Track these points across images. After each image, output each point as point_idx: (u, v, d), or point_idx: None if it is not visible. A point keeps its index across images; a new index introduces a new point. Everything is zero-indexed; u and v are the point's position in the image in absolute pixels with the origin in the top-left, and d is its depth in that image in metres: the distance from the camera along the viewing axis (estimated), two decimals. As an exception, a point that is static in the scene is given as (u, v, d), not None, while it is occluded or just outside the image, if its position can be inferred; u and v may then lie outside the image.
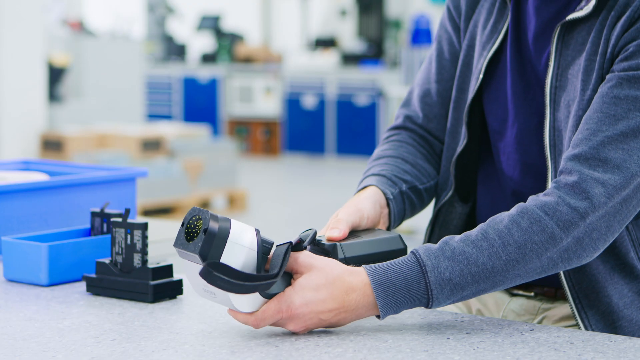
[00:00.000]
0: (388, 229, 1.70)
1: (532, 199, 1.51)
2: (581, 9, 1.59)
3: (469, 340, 1.39)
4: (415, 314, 1.52)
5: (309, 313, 1.38)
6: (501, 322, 1.49)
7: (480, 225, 1.48)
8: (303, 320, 1.39)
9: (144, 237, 1.63)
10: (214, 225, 1.34)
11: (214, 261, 1.34)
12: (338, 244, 1.49)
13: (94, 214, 1.82)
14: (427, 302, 1.43)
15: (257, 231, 1.39)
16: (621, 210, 1.50)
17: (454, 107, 1.78)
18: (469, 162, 1.78)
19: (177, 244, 1.37)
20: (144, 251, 1.62)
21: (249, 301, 1.38)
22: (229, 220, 1.37)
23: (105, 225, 1.80)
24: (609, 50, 1.56)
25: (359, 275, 1.42)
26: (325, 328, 1.43)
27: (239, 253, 1.36)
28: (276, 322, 1.40)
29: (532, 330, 1.44)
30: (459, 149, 1.75)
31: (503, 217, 1.49)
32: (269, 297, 1.39)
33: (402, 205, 1.73)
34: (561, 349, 1.35)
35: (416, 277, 1.42)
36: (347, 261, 1.49)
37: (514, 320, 1.53)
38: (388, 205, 1.69)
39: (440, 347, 1.36)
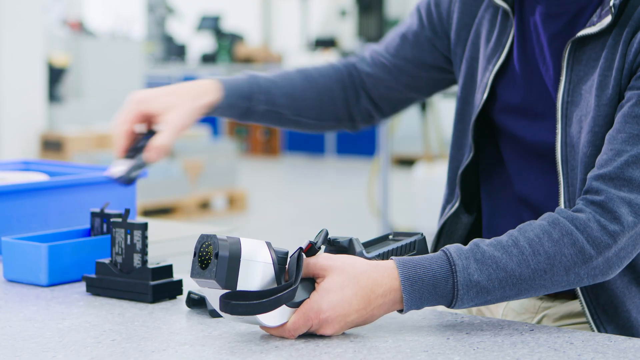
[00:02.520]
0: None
1: (561, 211, 1.50)
2: (593, 24, 1.58)
3: (469, 340, 1.39)
4: (415, 315, 1.52)
5: (337, 316, 1.37)
6: (501, 322, 1.49)
7: (510, 232, 1.48)
8: (335, 323, 1.38)
9: (144, 238, 1.63)
10: (224, 248, 1.34)
11: (228, 292, 1.34)
12: (353, 238, 1.48)
13: (93, 214, 1.82)
14: (451, 302, 1.43)
15: (269, 244, 1.38)
16: None
17: (458, 120, 1.79)
18: (474, 173, 1.78)
19: (194, 274, 1.36)
20: (143, 251, 1.62)
21: (277, 315, 1.37)
22: (238, 239, 1.36)
23: (105, 226, 1.80)
24: (625, 66, 1.55)
25: (386, 270, 1.41)
26: (356, 326, 1.42)
27: (255, 270, 1.36)
28: (310, 329, 1.39)
29: (532, 330, 1.44)
30: (466, 161, 1.75)
31: (534, 226, 1.48)
32: (296, 305, 1.38)
33: (236, 115, 1.82)
34: (561, 349, 1.35)
35: (444, 276, 1.42)
36: (366, 253, 1.48)
37: (514, 321, 1.53)
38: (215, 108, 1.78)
39: (440, 347, 1.36)
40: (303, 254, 1.38)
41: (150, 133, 1.67)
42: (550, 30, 1.65)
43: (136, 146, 1.65)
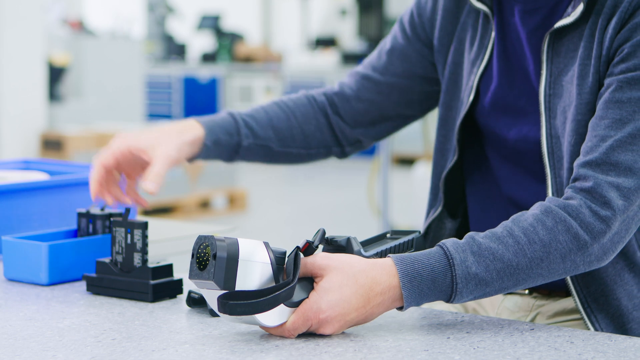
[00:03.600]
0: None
1: (552, 199, 1.51)
2: (568, 15, 1.60)
3: (469, 339, 1.39)
4: (415, 314, 1.52)
5: (337, 315, 1.37)
6: (501, 321, 1.49)
7: (504, 223, 1.49)
8: (335, 322, 1.38)
9: (144, 237, 1.63)
10: (222, 249, 1.34)
11: (225, 292, 1.34)
12: (351, 237, 1.48)
13: (80, 215, 1.81)
14: (450, 296, 1.43)
15: (266, 244, 1.38)
16: (638, 213, 1.51)
17: (441, 125, 1.79)
18: (458, 178, 1.79)
19: (192, 275, 1.36)
20: (144, 250, 1.62)
21: (275, 314, 1.37)
22: (235, 240, 1.36)
23: (91, 226, 1.79)
24: (603, 53, 1.57)
25: (384, 268, 1.41)
26: (356, 325, 1.42)
27: (253, 270, 1.35)
28: (309, 329, 1.39)
29: (532, 329, 1.44)
30: (449, 165, 1.75)
31: (527, 215, 1.49)
32: (294, 305, 1.37)
33: (224, 154, 1.85)
34: (561, 349, 1.35)
35: (443, 270, 1.42)
36: (364, 252, 1.48)
37: (514, 320, 1.53)
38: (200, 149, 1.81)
39: (440, 346, 1.36)
40: (300, 253, 1.39)
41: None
42: (528, 26, 1.66)
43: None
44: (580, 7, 1.58)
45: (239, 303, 1.34)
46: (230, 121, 1.85)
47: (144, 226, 1.63)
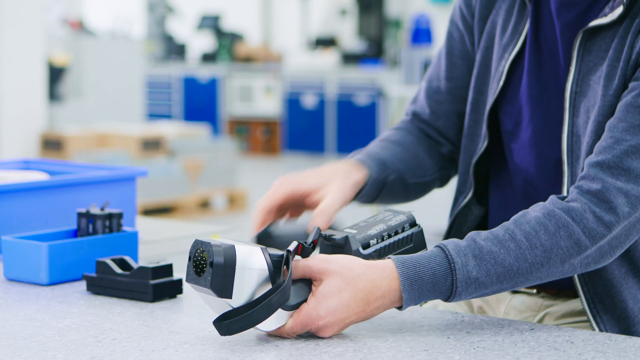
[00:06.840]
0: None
1: (555, 201, 1.50)
2: (605, 15, 1.59)
3: (469, 339, 1.39)
4: (415, 314, 1.52)
5: (336, 320, 1.37)
6: (501, 321, 1.49)
7: (506, 225, 1.48)
8: (335, 326, 1.37)
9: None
10: (219, 256, 1.33)
11: (220, 315, 1.34)
12: (349, 235, 1.47)
13: (80, 215, 1.81)
14: (448, 297, 1.43)
15: (263, 248, 1.37)
16: None
17: (472, 109, 1.77)
18: (487, 164, 1.77)
19: (189, 279, 1.36)
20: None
21: (273, 319, 1.36)
22: (233, 247, 1.35)
23: (91, 226, 1.79)
24: (632, 57, 1.56)
25: (385, 271, 1.40)
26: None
27: (250, 276, 1.35)
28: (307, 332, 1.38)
29: (532, 329, 1.44)
30: (479, 151, 1.74)
31: (529, 218, 1.48)
32: (293, 308, 1.37)
33: (375, 194, 1.72)
34: (561, 349, 1.35)
35: (444, 273, 1.42)
36: (363, 250, 1.47)
37: (514, 320, 1.53)
38: (362, 188, 1.69)
39: (441, 346, 1.36)
40: (290, 255, 1.37)
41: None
42: (563, 20, 1.65)
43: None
44: (620, 10, 1.56)
45: (234, 320, 1.33)
46: (379, 152, 1.75)
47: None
